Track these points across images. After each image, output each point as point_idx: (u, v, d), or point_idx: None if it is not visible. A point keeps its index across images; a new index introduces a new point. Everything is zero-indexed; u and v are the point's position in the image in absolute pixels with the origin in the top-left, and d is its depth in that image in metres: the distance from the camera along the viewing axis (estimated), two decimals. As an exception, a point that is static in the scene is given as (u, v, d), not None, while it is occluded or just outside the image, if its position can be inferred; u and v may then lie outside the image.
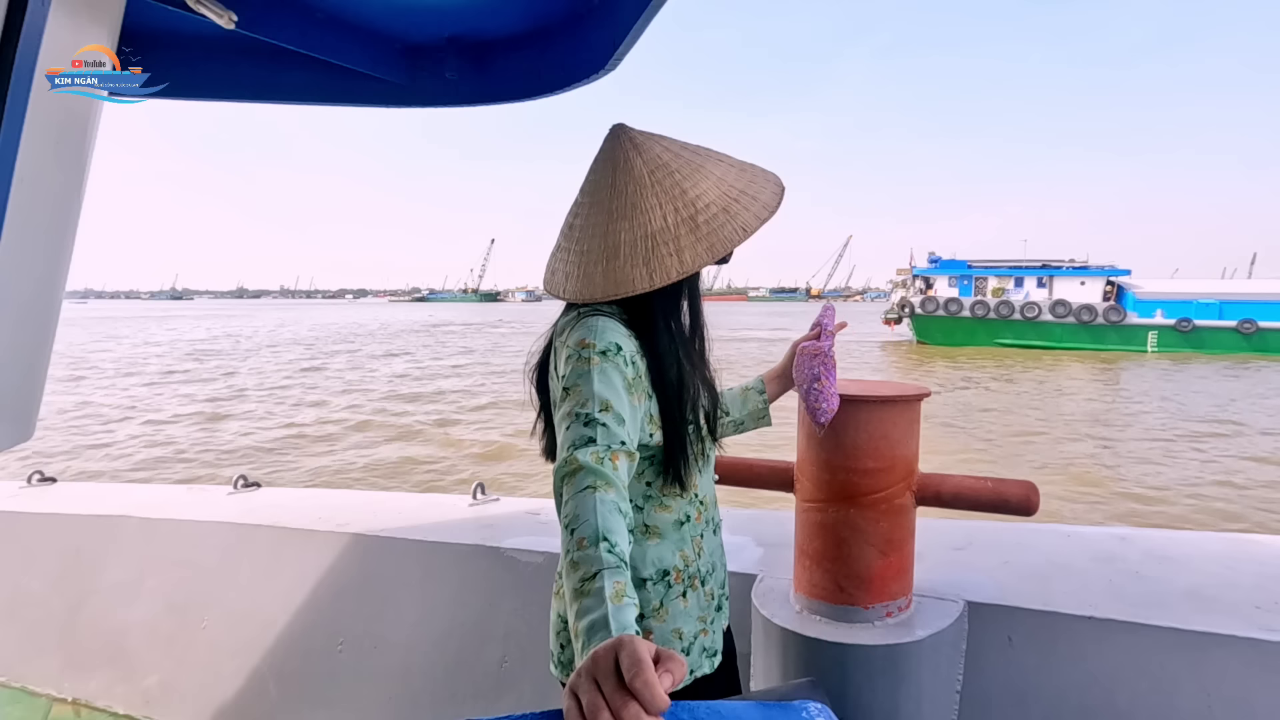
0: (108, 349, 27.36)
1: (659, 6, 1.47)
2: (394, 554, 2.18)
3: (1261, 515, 6.97)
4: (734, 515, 2.23)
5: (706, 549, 1.13)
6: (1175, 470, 8.57)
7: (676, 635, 1.07)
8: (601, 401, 0.90)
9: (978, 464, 8.81)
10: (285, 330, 41.45)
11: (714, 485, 1.20)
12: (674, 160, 1.05)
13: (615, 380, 0.93)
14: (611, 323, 0.99)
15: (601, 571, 0.75)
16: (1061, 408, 13.22)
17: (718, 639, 1.15)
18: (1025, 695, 1.50)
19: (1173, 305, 26.81)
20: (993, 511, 1.43)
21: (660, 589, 1.06)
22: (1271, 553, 1.77)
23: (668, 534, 1.07)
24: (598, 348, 0.95)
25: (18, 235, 1.14)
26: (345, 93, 1.93)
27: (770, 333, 39.41)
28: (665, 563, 1.07)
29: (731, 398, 1.40)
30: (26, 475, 3.03)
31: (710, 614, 1.13)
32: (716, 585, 1.15)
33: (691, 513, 1.10)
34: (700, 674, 1.10)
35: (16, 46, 1.06)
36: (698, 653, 1.10)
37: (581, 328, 0.98)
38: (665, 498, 1.08)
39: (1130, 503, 7.27)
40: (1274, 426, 11.36)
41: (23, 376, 1.32)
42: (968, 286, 30.87)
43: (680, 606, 1.07)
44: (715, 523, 1.18)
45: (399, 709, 2.12)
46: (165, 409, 13.24)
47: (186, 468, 8.95)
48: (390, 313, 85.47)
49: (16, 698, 2.54)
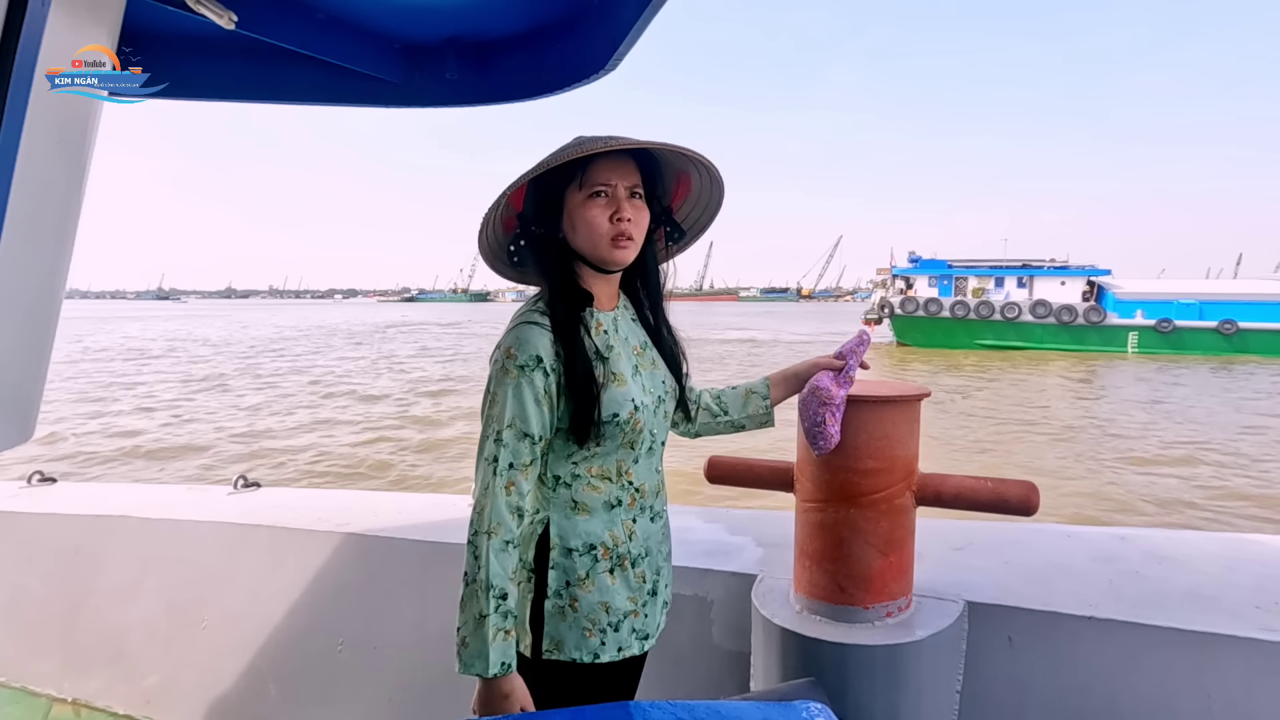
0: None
1: (659, 6, 1.47)
2: (394, 554, 2.18)
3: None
4: (734, 515, 2.23)
5: (640, 534, 1.18)
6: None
7: (604, 609, 1.13)
8: (513, 419, 1.05)
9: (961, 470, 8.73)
10: (249, 331, 40.48)
11: (657, 475, 1.24)
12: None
13: (527, 396, 1.06)
14: (535, 331, 1.08)
15: (488, 617, 1.00)
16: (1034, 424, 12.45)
17: (650, 623, 1.20)
18: (1025, 695, 1.50)
19: (1153, 306, 26.69)
20: (993, 511, 1.43)
21: (587, 561, 1.13)
22: (1271, 553, 1.77)
23: (597, 513, 1.14)
24: (518, 360, 1.06)
25: (18, 235, 1.14)
26: (345, 93, 1.94)
27: (742, 333, 38.90)
28: (593, 538, 1.13)
29: (732, 398, 1.40)
30: (26, 475, 3.03)
31: (643, 597, 1.18)
32: (650, 571, 1.20)
33: (623, 497, 1.16)
34: (629, 654, 1.16)
35: (16, 46, 1.06)
36: (627, 631, 1.15)
37: (512, 334, 1.09)
38: (595, 479, 1.14)
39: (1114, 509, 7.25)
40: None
41: (23, 376, 1.32)
42: (948, 287, 30.73)
43: (608, 582, 1.13)
44: (654, 511, 1.22)
45: (399, 709, 2.12)
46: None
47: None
48: (372, 313, 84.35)
49: (16, 698, 2.54)
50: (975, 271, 30.84)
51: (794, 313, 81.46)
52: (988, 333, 28.41)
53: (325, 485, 7.92)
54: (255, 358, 23.52)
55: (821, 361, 1.38)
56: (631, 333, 1.23)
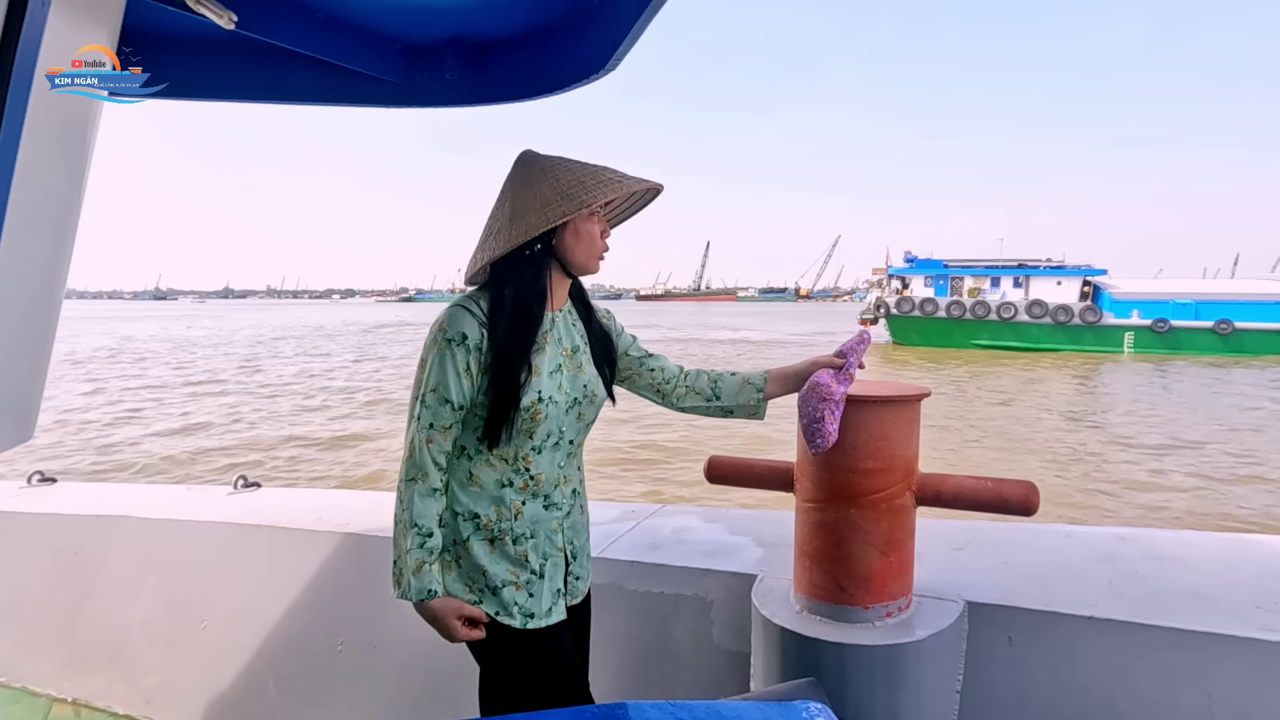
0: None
1: (659, 6, 1.47)
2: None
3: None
4: (734, 515, 2.23)
5: (528, 517, 1.27)
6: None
7: (480, 573, 1.25)
8: (437, 385, 1.19)
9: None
10: (228, 333, 39.57)
11: (560, 470, 1.31)
12: (539, 173, 1.24)
13: (449, 367, 1.19)
14: (465, 314, 1.21)
15: (410, 552, 1.19)
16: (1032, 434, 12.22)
17: (538, 604, 1.27)
18: (1025, 695, 1.50)
19: (1149, 305, 26.61)
20: (993, 511, 1.43)
21: (468, 526, 1.25)
22: (1271, 553, 1.77)
23: (486, 488, 1.26)
24: (447, 334, 1.20)
25: (18, 235, 1.14)
26: (345, 93, 1.93)
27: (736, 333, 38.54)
28: (477, 509, 1.25)
29: (728, 385, 1.43)
30: (26, 475, 3.03)
31: (526, 575, 1.27)
32: (537, 554, 1.28)
33: (516, 481, 1.26)
34: (509, 622, 1.25)
35: (16, 46, 1.06)
36: (509, 600, 1.25)
37: (446, 312, 1.22)
38: (491, 457, 1.26)
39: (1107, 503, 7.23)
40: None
41: (23, 376, 1.31)
42: (944, 286, 30.64)
43: (485, 550, 1.25)
44: (551, 501, 1.30)
45: (399, 709, 2.12)
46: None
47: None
48: (362, 313, 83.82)
49: (16, 698, 2.54)
50: (971, 271, 30.76)
51: (791, 313, 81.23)
52: (983, 333, 28.34)
53: (320, 486, 7.94)
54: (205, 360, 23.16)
55: (821, 360, 1.39)
56: (567, 334, 1.33)
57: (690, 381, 1.45)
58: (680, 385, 1.44)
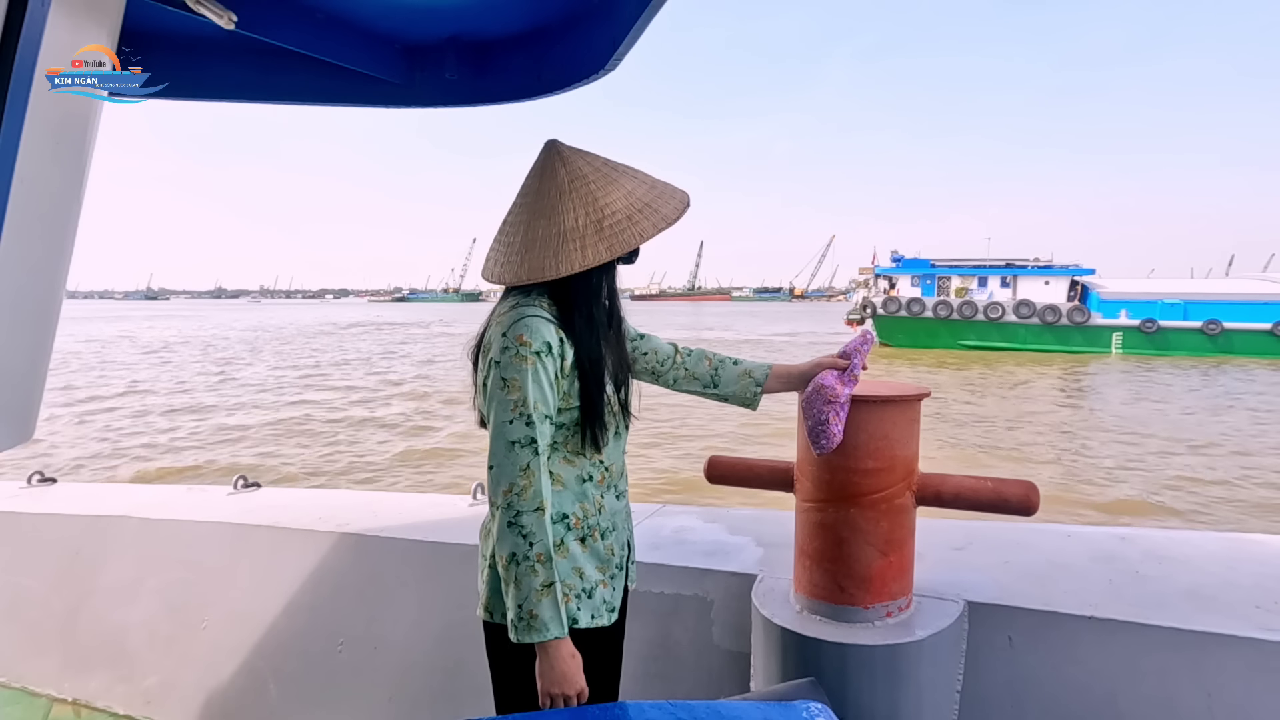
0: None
1: (659, 6, 1.47)
2: (394, 554, 2.18)
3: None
4: (734, 515, 2.23)
5: (608, 509, 1.26)
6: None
7: (578, 574, 1.20)
8: (536, 403, 1.12)
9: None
10: (202, 333, 38.38)
11: (623, 457, 1.32)
12: (593, 173, 1.20)
13: (544, 380, 1.13)
14: (543, 322, 1.14)
15: (554, 585, 1.08)
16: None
17: (617, 596, 1.26)
18: (1025, 695, 1.50)
19: (1137, 305, 26.26)
20: (993, 511, 1.43)
21: (560, 529, 1.19)
22: (1271, 553, 1.77)
23: (570, 485, 1.22)
24: (533, 347, 1.12)
25: (18, 235, 1.14)
26: (345, 93, 1.94)
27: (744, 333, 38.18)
28: (565, 508, 1.20)
29: (728, 373, 1.42)
30: (26, 475, 3.03)
31: (611, 569, 1.25)
32: (618, 545, 1.27)
33: (595, 474, 1.24)
34: (600, 624, 1.21)
35: (16, 46, 1.06)
36: (599, 600, 1.22)
37: (520, 324, 1.13)
38: (570, 454, 1.22)
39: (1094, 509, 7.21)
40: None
41: (23, 376, 1.31)
42: (931, 286, 30.24)
43: (579, 550, 1.21)
44: (620, 490, 1.30)
45: (399, 709, 2.12)
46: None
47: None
48: (350, 313, 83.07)
49: (16, 698, 2.54)
50: (959, 271, 30.36)
51: (784, 312, 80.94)
52: (971, 333, 28.00)
53: (320, 485, 7.92)
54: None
55: (825, 361, 1.38)
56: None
57: (690, 366, 1.43)
58: (678, 368, 1.43)
